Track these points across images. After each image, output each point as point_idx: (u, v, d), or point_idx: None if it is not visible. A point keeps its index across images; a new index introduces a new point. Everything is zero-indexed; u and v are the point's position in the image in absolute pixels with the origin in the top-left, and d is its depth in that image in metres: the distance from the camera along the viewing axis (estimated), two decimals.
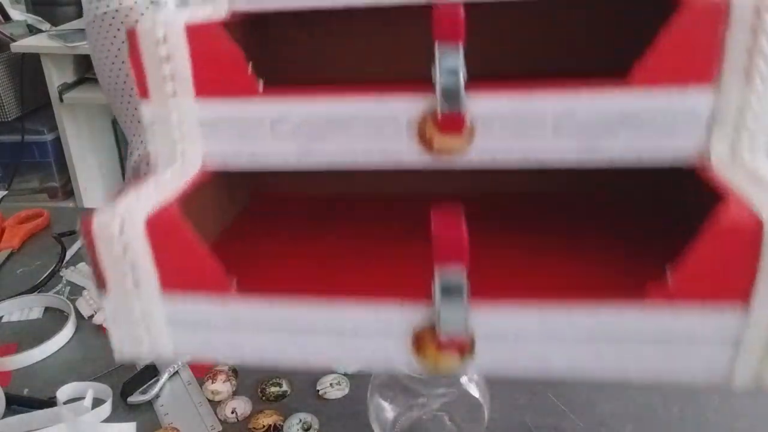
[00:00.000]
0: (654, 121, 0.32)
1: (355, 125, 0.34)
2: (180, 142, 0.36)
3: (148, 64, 0.34)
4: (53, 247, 0.76)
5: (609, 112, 0.32)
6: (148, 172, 0.36)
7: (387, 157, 0.35)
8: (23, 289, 0.68)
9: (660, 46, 0.30)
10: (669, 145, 0.33)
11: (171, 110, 0.35)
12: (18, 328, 0.66)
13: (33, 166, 1.93)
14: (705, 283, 0.28)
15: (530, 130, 0.33)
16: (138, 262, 0.31)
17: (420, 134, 0.34)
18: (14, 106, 1.86)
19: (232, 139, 0.36)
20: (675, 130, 0.32)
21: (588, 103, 0.32)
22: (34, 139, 1.89)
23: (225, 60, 0.34)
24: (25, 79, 1.86)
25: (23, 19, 1.91)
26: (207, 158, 0.36)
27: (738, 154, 0.32)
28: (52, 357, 0.63)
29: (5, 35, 1.79)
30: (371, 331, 0.32)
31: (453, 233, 0.27)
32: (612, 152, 0.33)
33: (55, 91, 1.82)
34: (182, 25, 0.33)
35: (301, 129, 0.35)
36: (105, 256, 0.31)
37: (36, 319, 0.67)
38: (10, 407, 0.56)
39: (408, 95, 0.33)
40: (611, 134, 0.33)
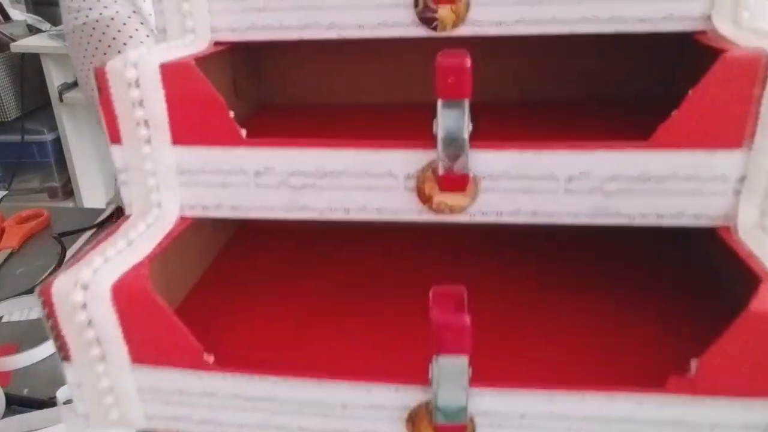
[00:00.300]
0: (677, 184, 0.29)
1: (347, 178, 0.31)
2: (155, 191, 0.33)
3: (120, 108, 0.31)
4: (53, 247, 0.75)
5: (628, 172, 0.29)
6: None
7: (382, 212, 0.32)
8: (23, 289, 0.67)
9: (689, 107, 0.27)
10: (692, 208, 0.30)
11: (145, 157, 0.32)
12: (18, 328, 0.65)
13: (33, 166, 1.90)
14: (733, 377, 0.25)
15: (540, 188, 0.30)
16: (104, 334, 0.28)
17: (419, 190, 0.31)
18: (14, 106, 1.85)
19: (212, 188, 0.32)
20: (699, 194, 0.29)
21: (605, 163, 0.29)
22: (34, 139, 1.84)
23: (204, 105, 0.30)
24: (25, 79, 1.84)
25: (23, 19, 1.89)
26: (186, 208, 0.33)
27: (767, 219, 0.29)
28: (52, 357, 0.61)
29: (5, 35, 1.78)
30: (364, 410, 0.29)
31: (455, 321, 0.24)
32: (630, 212, 0.30)
33: (55, 91, 1.80)
34: (156, 67, 0.30)
35: (288, 180, 0.32)
36: (67, 327, 0.28)
37: (36, 319, 0.66)
38: (10, 407, 0.55)
39: (406, 149, 0.30)
40: (629, 195, 0.30)
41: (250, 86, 0.49)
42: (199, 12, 0.35)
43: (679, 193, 0.29)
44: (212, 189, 0.32)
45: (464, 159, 0.29)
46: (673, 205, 0.29)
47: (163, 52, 0.31)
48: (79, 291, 0.27)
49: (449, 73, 0.26)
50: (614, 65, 0.45)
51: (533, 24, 0.33)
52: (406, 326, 0.33)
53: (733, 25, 0.31)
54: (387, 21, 0.34)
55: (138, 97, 0.30)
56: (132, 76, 0.30)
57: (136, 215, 0.33)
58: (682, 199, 0.29)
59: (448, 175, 0.29)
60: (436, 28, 0.34)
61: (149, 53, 0.30)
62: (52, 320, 0.28)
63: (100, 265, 0.28)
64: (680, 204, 0.29)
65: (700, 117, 0.27)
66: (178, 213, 0.33)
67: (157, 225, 0.32)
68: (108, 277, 0.27)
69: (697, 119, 0.27)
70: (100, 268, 0.28)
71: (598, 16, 0.33)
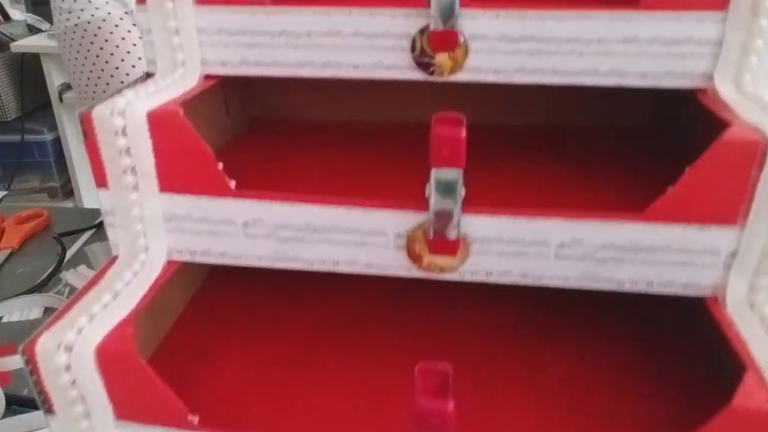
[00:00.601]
0: (668, 255, 0.29)
1: (337, 234, 0.31)
2: (142, 236, 0.32)
3: (106, 154, 0.30)
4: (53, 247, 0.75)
5: (620, 242, 0.29)
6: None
7: (371, 267, 0.31)
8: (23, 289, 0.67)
9: (685, 184, 0.27)
10: (682, 278, 0.29)
11: (132, 203, 0.31)
12: (18, 328, 0.65)
13: (33, 166, 1.89)
14: None
15: (531, 252, 0.30)
16: (88, 394, 0.28)
17: (409, 249, 0.30)
18: (14, 106, 1.83)
19: (200, 235, 0.32)
20: (690, 265, 0.29)
21: (597, 233, 0.29)
22: (34, 139, 1.82)
23: (192, 156, 0.30)
24: (25, 79, 1.83)
25: (23, 18, 1.85)
26: (173, 252, 0.33)
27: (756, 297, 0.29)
28: None
29: (5, 35, 1.74)
30: None
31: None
32: (620, 279, 0.30)
33: (55, 91, 1.77)
34: (144, 115, 0.29)
35: (277, 233, 0.31)
36: (50, 386, 0.28)
37: (36, 319, 0.66)
38: (10, 407, 0.55)
39: (397, 209, 0.29)
40: (620, 263, 0.29)
41: (242, 102, 0.48)
42: (189, 46, 0.34)
43: (670, 263, 0.29)
44: (200, 236, 0.32)
45: (456, 226, 0.28)
46: (663, 275, 0.29)
47: (151, 97, 0.30)
48: (62, 353, 0.27)
49: (444, 144, 0.26)
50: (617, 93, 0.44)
51: (532, 73, 0.32)
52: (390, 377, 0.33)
53: (735, 88, 0.31)
54: (383, 63, 0.33)
55: (125, 145, 0.29)
56: (119, 124, 0.29)
57: (122, 260, 0.32)
58: (672, 269, 0.29)
59: (438, 240, 0.29)
60: (433, 73, 0.33)
61: (136, 100, 0.30)
62: (35, 377, 0.28)
63: (85, 324, 0.28)
64: (670, 274, 0.29)
65: (696, 194, 0.27)
66: (166, 257, 0.33)
67: (144, 272, 0.32)
68: (92, 339, 0.27)
69: (693, 196, 0.27)
70: (85, 328, 0.28)
71: (598, 69, 0.32)
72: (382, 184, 0.37)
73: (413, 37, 0.32)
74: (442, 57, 0.32)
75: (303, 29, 0.33)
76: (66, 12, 0.81)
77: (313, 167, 0.40)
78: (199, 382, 0.32)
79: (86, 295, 0.30)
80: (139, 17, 0.33)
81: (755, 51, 0.30)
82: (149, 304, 0.31)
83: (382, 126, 0.47)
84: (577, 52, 0.31)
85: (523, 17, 0.31)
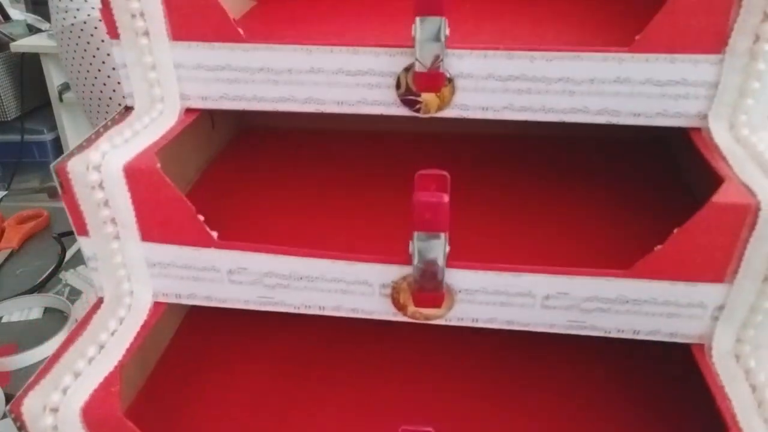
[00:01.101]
0: (655, 308, 0.29)
1: (322, 283, 0.30)
2: (126, 281, 0.32)
3: (85, 206, 0.29)
4: (53, 247, 0.74)
5: (606, 295, 0.29)
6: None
7: (357, 312, 0.31)
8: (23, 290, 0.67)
9: (673, 245, 0.26)
10: (668, 327, 0.29)
11: (114, 252, 0.31)
12: (18, 328, 0.65)
13: (33, 165, 1.85)
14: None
15: (516, 303, 0.29)
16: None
17: (394, 299, 0.30)
18: (14, 106, 1.80)
19: (185, 281, 0.32)
20: (676, 317, 0.29)
21: (583, 287, 0.28)
22: (34, 138, 1.81)
23: (171, 208, 0.29)
24: (25, 79, 1.79)
25: (23, 18, 1.80)
26: (159, 295, 0.32)
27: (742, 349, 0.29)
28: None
29: (5, 35, 1.70)
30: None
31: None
32: (606, 327, 0.30)
33: (55, 90, 1.74)
34: (120, 169, 0.28)
35: (263, 280, 0.31)
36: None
37: (36, 319, 0.65)
38: None
39: (381, 263, 0.29)
40: (606, 313, 0.29)
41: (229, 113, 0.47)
42: (167, 81, 0.32)
43: (656, 315, 0.29)
44: (185, 281, 0.32)
45: (440, 283, 0.28)
46: (650, 324, 0.29)
47: (127, 145, 0.29)
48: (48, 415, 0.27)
49: (426, 209, 0.25)
50: None
51: (521, 111, 0.31)
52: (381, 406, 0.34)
53: (729, 129, 0.30)
54: (367, 99, 0.32)
55: (103, 198, 0.29)
56: (95, 179, 0.28)
57: (108, 304, 0.32)
58: (659, 320, 0.29)
59: (422, 294, 0.29)
60: (420, 111, 0.32)
61: (112, 151, 0.29)
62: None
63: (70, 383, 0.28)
64: (656, 324, 0.29)
65: (685, 254, 0.27)
66: (152, 300, 0.32)
67: (130, 317, 0.32)
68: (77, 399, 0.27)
69: (681, 255, 0.27)
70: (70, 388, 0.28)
71: (589, 108, 0.31)
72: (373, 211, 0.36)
73: (398, 76, 0.31)
74: (428, 95, 0.31)
75: (283, 66, 0.31)
76: (62, 11, 0.79)
77: (301, 188, 0.39)
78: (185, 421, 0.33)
79: (72, 346, 0.30)
80: (115, 52, 0.32)
81: (752, 93, 0.29)
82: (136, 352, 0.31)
83: (374, 135, 0.46)
84: (568, 91, 0.30)
85: (512, 57, 0.30)
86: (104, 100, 0.85)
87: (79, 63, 0.82)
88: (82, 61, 0.81)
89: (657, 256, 0.27)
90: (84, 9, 0.79)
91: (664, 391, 0.34)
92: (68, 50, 0.82)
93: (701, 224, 0.26)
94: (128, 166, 0.28)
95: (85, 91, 0.85)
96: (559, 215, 0.35)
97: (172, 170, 0.29)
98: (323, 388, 0.35)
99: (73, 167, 0.28)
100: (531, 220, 0.35)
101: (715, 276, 0.27)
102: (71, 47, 0.81)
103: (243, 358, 0.37)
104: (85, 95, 0.86)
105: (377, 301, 0.30)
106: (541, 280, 0.28)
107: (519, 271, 0.28)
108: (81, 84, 0.85)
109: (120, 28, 0.31)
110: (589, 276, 0.28)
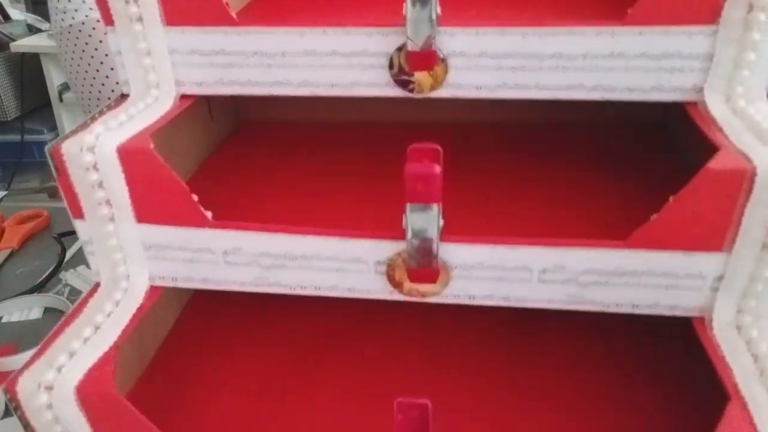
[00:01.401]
0: (653, 279, 0.28)
1: (317, 261, 0.30)
2: (123, 264, 0.32)
3: (80, 188, 0.30)
4: (53, 247, 0.74)
5: (603, 267, 0.28)
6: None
7: (353, 291, 0.31)
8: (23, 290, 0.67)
9: (669, 213, 0.26)
10: (667, 300, 0.29)
11: (109, 234, 0.31)
12: (18, 328, 0.64)
13: (33, 165, 1.85)
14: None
15: (513, 278, 0.29)
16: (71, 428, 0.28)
17: (389, 276, 0.30)
18: (14, 106, 1.82)
19: (181, 263, 0.32)
20: (675, 288, 0.28)
21: (579, 259, 0.28)
22: (34, 138, 1.81)
23: (166, 188, 0.29)
24: (25, 79, 1.81)
25: (23, 18, 1.82)
26: (155, 279, 0.32)
27: (743, 319, 0.28)
28: None
29: (5, 35, 1.72)
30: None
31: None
32: (604, 302, 0.30)
33: (55, 90, 1.76)
34: (114, 150, 0.28)
35: (258, 260, 0.31)
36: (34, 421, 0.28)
37: (36, 319, 0.65)
38: None
39: (375, 239, 0.29)
40: (604, 287, 0.29)
41: (227, 105, 0.47)
42: (162, 67, 0.33)
43: (655, 287, 0.28)
44: (181, 264, 0.32)
45: (434, 257, 0.28)
46: (649, 297, 0.29)
47: (122, 128, 0.30)
48: (43, 393, 0.27)
49: (418, 180, 0.25)
50: None
51: (515, 89, 0.31)
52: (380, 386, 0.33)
53: (726, 102, 0.29)
54: (360, 81, 0.32)
55: (97, 179, 0.29)
56: (89, 160, 0.28)
57: (104, 288, 0.32)
58: (657, 292, 0.29)
59: (417, 270, 0.28)
60: (413, 91, 0.32)
61: (106, 134, 0.29)
62: (20, 412, 0.28)
63: (65, 362, 0.28)
64: (656, 296, 0.29)
65: (680, 223, 0.26)
66: (148, 283, 0.32)
67: (126, 300, 0.32)
68: (72, 378, 0.27)
69: (677, 224, 0.26)
70: (64, 367, 0.28)
71: (584, 84, 0.31)
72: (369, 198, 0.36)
73: (391, 56, 0.31)
74: (421, 75, 0.31)
75: (277, 49, 0.31)
76: (61, 12, 0.80)
77: (298, 178, 0.39)
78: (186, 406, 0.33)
79: (68, 328, 0.30)
80: (109, 39, 0.32)
81: (747, 64, 0.29)
82: (132, 334, 0.31)
83: (373, 126, 0.46)
84: (562, 67, 0.30)
85: (504, 33, 0.30)
86: (103, 99, 0.86)
87: (78, 63, 0.83)
88: (80, 61, 0.82)
89: (653, 225, 0.26)
90: (82, 10, 0.80)
91: (664, 368, 0.33)
92: (67, 51, 0.83)
93: (697, 191, 0.25)
94: (122, 147, 0.28)
95: (84, 91, 0.86)
96: (556, 193, 0.35)
97: (169, 160, 0.29)
98: (323, 370, 0.35)
99: (68, 149, 0.29)
100: (527, 198, 0.35)
101: (713, 244, 0.26)
102: (70, 48, 0.82)
103: (243, 343, 0.37)
104: (84, 95, 0.87)
105: (373, 279, 0.30)
106: (538, 253, 0.28)
107: (515, 244, 0.28)
108: (80, 84, 0.86)
109: (114, 14, 0.31)
110: (585, 248, 0.28)
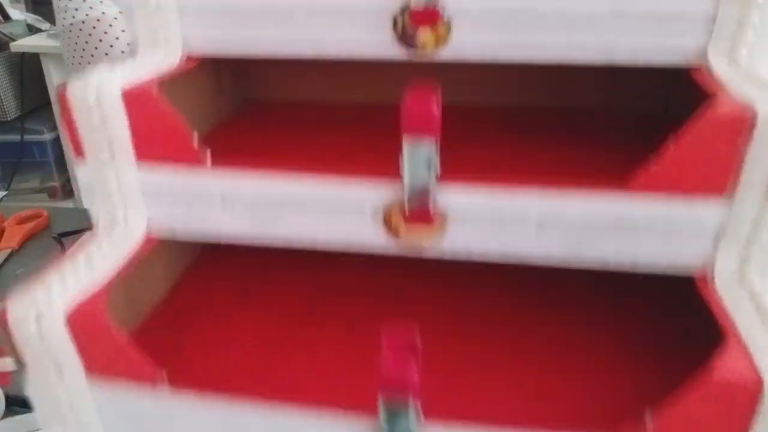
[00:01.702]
0: (654, 230, 0.28)
1: (314, 207, 0.30)
2: (121, 207, 0.32)
3: (83, 129, 0.30)
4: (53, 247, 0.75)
5: (604, 216, 0.28)
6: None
7: (349, 240, 0.31)
8: None
9: (670, 155, 0.26)
10: (668, 254, 0.28)
11: (109, 175, 0.31)
12: None
13: (33, 165, 1.86)
14: None
15: (510, 227, 0.29)
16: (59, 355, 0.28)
17: (386, 222, 0.30)
18: (14, 106, 1.82)
19: (178, 208, 0.32)
20: (677, 240, 0.28)
21: (578, 206, 0.28)
22: (34, 138, 1.81)
23: (167, 130, 0.30)
24: (24, 79, 1.81)
25: (23, 18, 1.85)
26: (152, 225, 0.33)
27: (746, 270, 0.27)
28: None
29: (5, 35, 1.74)
30: None
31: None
32: (603, 254, 0.29)
33: (55, 90, 1.76)
34: (118, 92, 0.29)
35: (255, 206, 0.31)
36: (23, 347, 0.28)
37: None
38: (10, 408, 0.55)
39: (372, 182, 0.29)
40: (604, 238, 0.28)
41: (236, 82, 0.48)
42: (170, 26, 0.34)
43: (656, 238, 0.28)
44: (179, 210, 0.32)
45: (430, 198, 0.28)
46: (650, 251, 0.28)
47: (127, 74, 0.30)
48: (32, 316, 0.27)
49: (416, 116, 0.25)
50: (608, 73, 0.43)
51: (518, 49, 0.32)
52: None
53: (729, 64, 0.29)
54: (365, 40, 0.32)
55: (100, 120, 0.30)
56: (93, 100, 0.29)
57: (101, 231, 0.32)
58: (658, 245, 0.28)
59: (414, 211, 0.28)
60: (417, 48, 0.32)
61: (111, 77, 0.30)
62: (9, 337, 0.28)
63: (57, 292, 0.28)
64: (657, 250, 0.28)
65: (682, 166, 0.26)
66: (145, 231, 0.33)
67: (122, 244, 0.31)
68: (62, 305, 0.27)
69: (678, 168, 0.26)
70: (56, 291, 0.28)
71: (586, 46, 0.31)
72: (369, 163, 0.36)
73: (394, 16, 0.31)
74: (424, 33, 0.32)
75: (284, 7, 0.32)
76: (62, 11, 0.84)
77: (303, 148, 0.39)
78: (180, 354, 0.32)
79: (59, 265, 0.30)
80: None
81: (751, 25, 0.29)
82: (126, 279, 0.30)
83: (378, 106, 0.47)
84: (565, 27, 0.31)
85: None
86: None
87: (79, 62, 0.85)
88: (81, 60, 0.85)
89: (653, 167, 0.26)
90: (82, 8, 0.83)
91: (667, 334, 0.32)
92: (68, 49, 0.86)
93: (697, 135, 0.25)
94: (126, 89, 0.29)
95: None
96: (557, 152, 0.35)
97: None
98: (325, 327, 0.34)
99: (74, 89, 0.29)
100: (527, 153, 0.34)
101: (713, 189, 0.26)
102: (71, 46, 0.85)
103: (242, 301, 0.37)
104: None
105: (370, 227, 0.30)
106: (536, 200, 0.28)
107: (512, 190, 0.28)
108: None
109: None
110: (584, 194, 0.27)
